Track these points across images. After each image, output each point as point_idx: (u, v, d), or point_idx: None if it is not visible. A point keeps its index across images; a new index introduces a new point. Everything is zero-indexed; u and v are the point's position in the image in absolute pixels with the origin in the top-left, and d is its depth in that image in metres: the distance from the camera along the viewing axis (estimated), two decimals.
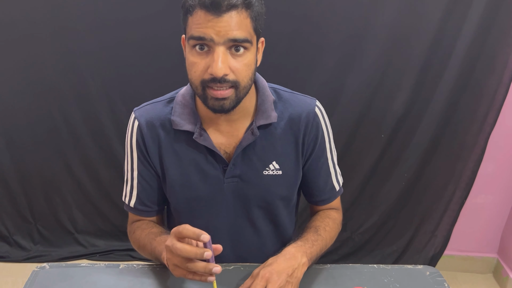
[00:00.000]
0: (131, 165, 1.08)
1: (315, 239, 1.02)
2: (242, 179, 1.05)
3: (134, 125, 1.05)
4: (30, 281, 0.97)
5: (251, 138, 1.01)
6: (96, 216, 2.25)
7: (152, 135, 1.03)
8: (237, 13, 0.84)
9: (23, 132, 2.04)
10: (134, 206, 1.10)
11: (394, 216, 2.18)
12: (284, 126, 1.04)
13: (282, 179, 1.06)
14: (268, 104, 1.02)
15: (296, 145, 1.05)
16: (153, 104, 1.06)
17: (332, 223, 1.12)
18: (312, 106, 1.06)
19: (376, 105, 1.92)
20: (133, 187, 1.09)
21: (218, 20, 0.83)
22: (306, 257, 0.95)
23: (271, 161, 1.05)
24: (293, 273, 0.91)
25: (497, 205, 2.17)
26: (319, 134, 1.07)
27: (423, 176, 2.07)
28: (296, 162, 1.07)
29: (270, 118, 1.01)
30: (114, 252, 2.28)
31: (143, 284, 0.98)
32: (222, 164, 1.03)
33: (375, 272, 1.06)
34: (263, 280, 0.87)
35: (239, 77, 0.90)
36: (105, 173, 2.13)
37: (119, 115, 1.99)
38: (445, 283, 1.03)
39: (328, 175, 1.13)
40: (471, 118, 1.92)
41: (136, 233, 1.09)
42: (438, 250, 2.21)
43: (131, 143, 1.06)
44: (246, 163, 1.04)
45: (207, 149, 1.02)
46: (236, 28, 0.84)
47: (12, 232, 2.26)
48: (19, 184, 2.17)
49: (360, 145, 1.98)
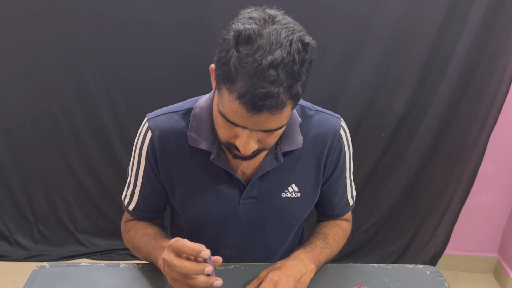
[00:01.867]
0: (136, 172, 1.03)
1: (323, 246, 1.01)
2: (258, 200, 1.00)
3: (147, 135, 0.98)
4: (30, 281, 0.97)
5: (274, 163, 0.96)
6: (96, 216, 2.25)
7: (165, 149, 0.97)
8: (280, 112, 0.75)
9: (24, 131, 2.04)
10: (133, 210, 1.08)
11: (395, 216, 2.18)
12: (306, 148, 0.98)
13: (299, 201, 1.03)
14: (295, 129, 0.95)
15: (318, 167, 1.01)
16: (169, 114, 0.98)
17: (342, 233, 1.11)
18: (338, 127, 1.01)
19: (377, 105, 1.92)
20: (134, 192, 1.06)
21: (256, 117, 0.75)
22: (314, 264, 0.95)
23: (291, 184, 1.01)
24: (300, 278, 0.90)
25: (497, 205, 2.17)
26: (341, 156, 1.03)
27: (423, 176, 2.07)
28: (316, 183, 1.04)
29: (296, 143, 0.96)
30: (114, 251, 2.28)
31: (143, 283, 0.98)
32: (239, 186, 0.99)
33: (376, 272, 1.06)
34: (272, 283, 0.86)
35: (267, 146, 0.85)
36: (106, 172, 2.13)
37: (120, 114, 1.99)
38: (445, 283, 1.03)
39: (344, 193, 1.11)
40: (472, 118, 1.92)
41: (131, 233, 1.06)
42: (438, 250, 2.21)
43: (141, 151, 1.00)
44: (264, 185, 0.99)
45: (223, 170, 0.97)
46: (274, 121, 0.77)
47: (13, 231, 2.26)
48: (19, 183, 2.16)
49: (361, 145, 1.98)
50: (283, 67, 0.71)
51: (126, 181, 1.09)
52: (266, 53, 0.71)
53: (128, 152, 2.05)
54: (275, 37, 0.72)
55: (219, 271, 1.03)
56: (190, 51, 1.82)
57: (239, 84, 0.72)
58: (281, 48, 0.71)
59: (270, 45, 0.71)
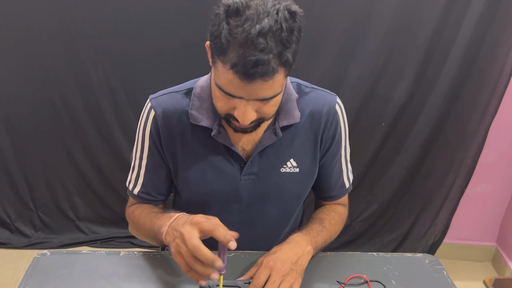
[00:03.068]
0: (141, 154, 1.05)
1: (320, 229, 1.02)
2: (258, 177, 1.03)
3: (150, 114, 1.01)
4: (31, 268, 0.98)
5: (273, 138, 0.99)
6: (97, 203, 2.26)
7: (168, 127, 1.00)
8: (272, 78, 0.78)
9: (24, 119, 2.04)
10: (138, 194, 1.08)
11: (394, 205, 2.19)
12: (304, 123, 1.02)
13: (298, 177, 1.05)
14: (292, 104, 0.99)
15: (315, 142, 1.04)
16: (171, 94, 1.02)
17: (338, 217, 1.11)
18: (333, 103, 1.04)
19: (377, 93, 1.91)
20: (139, 175, 1.07)
21: (250, 85, 0.78)
22: (311, 245, 0.95)
23: (289, 159, 1.03)
24: (297, 260, 0.90)
25: (497, 194, 2.18)
26: (337, 132, 1.06)
27: (423, 165, 2.07)
28: (314, 159, 1.06)
29: (293, 118, 0.99)
30: (115, 239, 2.29)
31: (143, 271, 0.98)
32: (240, 162, 1.01)
33: (375, 260, 1.06)
34: (267, 269, 0.87)
35: (265, 115, 0.88)
36: (106, 160, 2.13)
37: (120, 102, 1.99)
38: (444, 271, 1.04)
39: (340, 173, 1.12)
40: (472, 107, 1.92)
41: (136, 213, 1.07)
42: (437, 239, 2.22)
43: (144, 132, 1.02)
44: (264, 160, 1.02)
45: (224, 147, 1.00)
46: (268, 89, 0.80)
47: (14, 218, 2.27)
48: (20, 171, 2.17)
49: (361, 133, 1.98)
50: (272, 35, 0.75)
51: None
52: (254, 22, 0.74)
53: (128, 140, 2.06)
54: (262, 7, 0.76)
55: None
56: (190, 39, 1.81)
57: (231, 55, 0.76)
58: (268, 17, 0.75)
59: (257, 15, 0.75)
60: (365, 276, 1.00)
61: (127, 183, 1.11)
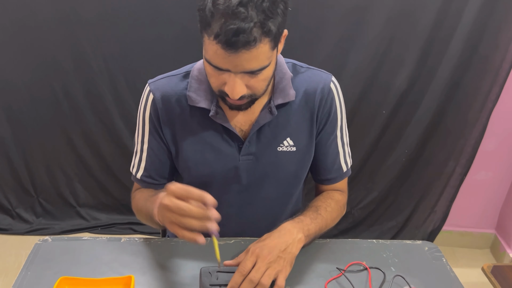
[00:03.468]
0: (142, 138, 1.07)
1: (314, 217, 1.02)
2: (256, 156, 1.04)
3: (149, 98, 1.03)
4: (32, 254, 0.99)
5: (269, 117, 1.00)
6: (97, 190, 2.27)
7: (166, 110, 1.02)
8: (255, 47, 0.79)
9: (24, 106, 2.04)
10: (141, 178, 1.10)
11: (394, 192, 2.19)
12: (299, 102, 1.03)
13: (295, 156, 1.06)
14: (286, 82, 1.00)
15: (311, 121, 1.05)
16: (169, 77, 1.04)
17: (335, 204, 1.10)
18: (328, 81, 1.05)
19: (378, 80, 1.90)
20: (141, 159, 1.09)
21: (235, 56, 0.80)
22: (303, 233, 0.95)
23: (286, 138, 1.04)
24: (286, 248, 0.90)
25: (496, 181, 2.18)
26: (332, 110, 1.06)
27: (423, 152, 2.07)
28: (310, 138, 1.06)
29: (288, 96, 1.00)
30: (116, 226, 2.30)
31: (144, 257, 0.99)
32: (238, 142, 1.03)
33: (374, 247, 1.07)
34: (254, 256, 0.87)
35: (255, 91, 0.90)
36: (106, 147, 2.13)
37: (119, 89, 1.98)
38: (443, 258, 1.04)
39: (337, 154, 1.11)
40: (473, 94, 1.91)
41: (137, 197, 1.09)
42: (437, 226, 2.23)
43: (144, 115, 1.04)
44: (261, 140, 1.03)
45: (222, 127, 1.01)
46: (253, 61, 0.82)
47: (15, 205, 2.28)
48: (20, 158, 2.17)
49: (361, 120, 1.98)
50: (253, 4, 0.77)
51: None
52: None
53: (128, 127, 2.06)
54: None
55: (220, 245, 1.04)
56: (190, 26, 1.79)
57: (214, 26, 0.78)
58: None
59: None
60: (365, 263, 1.00)
61: (130, 168, 1.12)
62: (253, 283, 0.84)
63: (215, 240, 0.83)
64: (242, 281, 0.84)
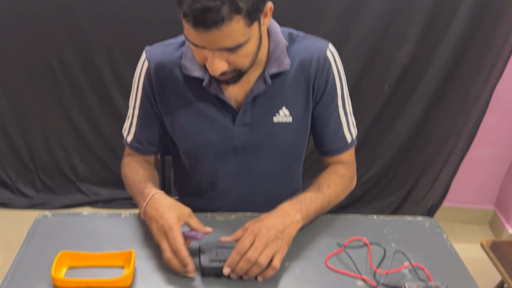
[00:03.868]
0: (134, 103, 1.07)
1: (314, 196, 1.00)
2: (252, 127, 1.03)
3: (144, 65, 1.03)
4: (32, 229, 0.98)
5: (263, 86, 0.99)
6: (97, 165, 2.26)
7: (161, 79, 1.01)
8: (225, 25, 0.78)
9: (21, 81, 2.02)
10: (131, 142, 1.11)
11: (394, 168, 2.19)
12: (295, 71, 1.01)
13: (292, 126, 1.04)
14: (281, 51, 0.98)
15: (307, 91, 1.03)
16: (165, 46, 1.04)
17: (339, 179, 1.07)
18: (324, 49, 1.02)
19: (380, 55, 1.88)
20: (132, 124, 1.09)
21: (207, 34, 0.80)
22: (301, 215, 0.94)
23: (281, 107, 1.02)
24: (284, 229, 0.89)
25: (497, 158, 2.18)
26: (329, 79, 1.03)
27: (425, 128, 2.06)
28: (306, 108, 1.04)
29: (282, 65, 0.98)
30: (116, 201, 2.31)
31: (144, 233, 0.99)
32: (232, 113, 1.02)
33: (375, 223, 1.07)
34: (252, 235, 0.87)
35: (239, 66, 0.89)
36: (105, 122, 2.12)
37: (117, 63, 1.96)
38: (444, 235, 1.04)
39: (339, 124, 1.08)
40: (477, 69, 1.88)
41: (125, 169, 1.10)
42: (436, 202, 2.24)
43: (138, 82, 1.05)
44: (256, 110, 1.02)
45: (216, 97, 1.01)
46: (227, 38, 0.81)
47: (14, 179, 2.28)
48: (19, 133, 2.16)
49: (363, 96, 1.96)
50: None
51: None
52: None
53: (126, 102, 2.03)
54: None
55: (220, 222, 1.04)
56: None
57: (184, 4, 0.78)
58: None
59: None
60: (365, 238, 1.00)
61: (123, 131, 1.13)
62: (251, 262, 0.84)
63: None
64: (240, 260, 0.84)
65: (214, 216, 1.06)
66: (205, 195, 1.16)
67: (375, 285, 0.88)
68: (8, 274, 0.86)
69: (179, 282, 0.87)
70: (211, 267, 0.86)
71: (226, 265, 0.85)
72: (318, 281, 0.89)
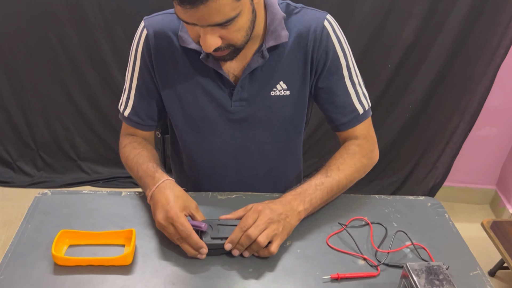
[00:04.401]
0: (132, 74, 1.05)
1: (320, 183, 0.97)
2: (249, 102, 1.02)
3: (142, 34, 1.01)
4: (32, 207, 0.98)
5: (261, 60, 0.97)
6: (98, 144, 2.26)
7: (159, 48, 0.99)
8: (212, 0, 0.76)
9: (21, 59, 2.00)
10: (128, 116, 1.08)
11: (396, 148, 2.18)
12: (292, 43, 0.98)
13: (290, 100, 1.03)
14: (278, 23, 0.95)
15: (305, 63, 1.00)
16: (164, 15, 1.01)
17: (350, 159, 1.04)
18: (321, 20, 0.99)
19: (385, 32, 1.85)
20: (129, 97, 1.07)
21: (194, 11, 0.78)
22: (303, 206, 0.92)
23: (278, 81, 1.01)
24: (286, 217, 0.89)
25: (500, 138, 2.16)
26: (329, 49, 1.00)
27: (428, 107, 2.04)
28: (304, 81, 1.02)
29: (280, 38, 0.96)
30: (117, 179, 2.31)
31: (145, 211, 0.98)
32: (230, 87, 1.00)
33: (376, 203, 1.06)
34: (255, 213, 0.87)
35: (232, 41, 0.87)
36: (105, 100, 2.11)
37: (116, 40, 1.94)
38: (446, 214, 1.04)
39: (347, 95, 1.04)
40: (482, 47, 1.86)
41: (126, 149, 1.07)
42: (438, 182, 2.24)
43: (136, 51, 1.02)
44: (253, 85, 1.00)
45: (214, 72, 0.99)
46: (215, 14, 0.79)
47: (15, 158, 2.28)
48: (19, 111, 2.15)
49: (366, 74, 1.91)
50: None
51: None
52: None
53: None
54: None
55: (221, 200, 1.04)
56: None
57: None
58: None
59: None
60: (367, 218, 1.00)
61: (119, 106, 1.10)
62: (250, 239, 0.84)
63: None
64: (241, 236, 0.85)
65: (215, 195, 1.05)
66: (204, 171, 1.15)
67: (376, 264, 0.88)
68: (8, 252, 0.86)
69: (180, 261, 0.87)
70: (213, 244, 0.86)
71: (228, 241, 0.86)
72: (319, 260, 0.89)
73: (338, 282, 0.84)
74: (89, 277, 0.82)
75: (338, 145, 1.10)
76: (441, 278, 0.74)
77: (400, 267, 0.88)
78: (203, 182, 1.16)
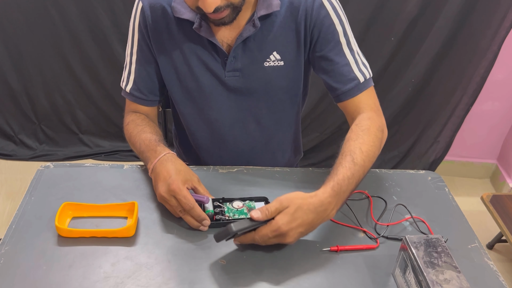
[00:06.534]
0: (131, 49, 1.06)
1: (351, 174, 0.88)
2: (243, 73, 1.02)
3: (138, 6, 1.02)
4: (35, 180, 0.99)
5: (252, 29, 0.96)
6: (99, 117, 2.26)
7: (154, 19, 1.00)
8: None
9: (20, 32, 1.98)
10: (130, 91, 1.09)
11: (398, 122, 2.17)
12: (284, 13, 0.98)
13: (284, 70, 1.03)
14: None
15: (298, 32, 0.99)
16: None
17: (367, 136, 0.96)
18: None
19: (388, 5, 1.82)
20: (130, 71, 1.07)
21: None
22: (336, 209, 0.85)
23: (272, 52, 1.00)
24: (316, 224, 0.83)
25: (502, 112, 2.15)
26: (323, 16, 0.98)
27: (431, 82, 2.03)
28: (298, 50, 1.01)
29: (271, 6, 0.95)
30: (119, 153, 2.32)
31: (146, 185, 0.99)
32: (223, 57, 1.00)
33: (377, 177, 1.07)
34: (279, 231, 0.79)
35: (232, 0, 0.86)
36: (105, 74, 2.10)
37: (118, 14, 1.91)
38: (445, 188, 1.05)
39: (346, 63, 1.01)
40: (487, 21, 1.83)
41: (130, 126, 1.07)
42: (439, 156, 2.24)
43: (134, 25, 1.03)
44: (247, 55, 1.00)
45: (208, 41, 0.99)
46: None
47: (17, 131, 2.28)
48: (20, 84, 2.14)
49: (369, 47, 1.91)
50: None
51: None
52: None
53: None
54: None
55: (223, 174, 1.04)
56: None
57: None
58: None
59: None
60: (367, 191, 1.00)
61: (120, 83, 1.11)
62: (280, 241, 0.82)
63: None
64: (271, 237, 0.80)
65: (217, 168, 1.06)
66: (202, 144, 1.16)
67: (376, 237, 0.89)
68: (12, 224, 0.87)
69: (181, 232, 0.88)
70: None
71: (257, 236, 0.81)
72: (319, 233, 0.90)
73: (338, 254, 0.86)
74: (92, 248, 0.83)
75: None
76: (439, 251, 0.75)
77: (399, 239, 0.89)
78: (204, 155, 1.17)
